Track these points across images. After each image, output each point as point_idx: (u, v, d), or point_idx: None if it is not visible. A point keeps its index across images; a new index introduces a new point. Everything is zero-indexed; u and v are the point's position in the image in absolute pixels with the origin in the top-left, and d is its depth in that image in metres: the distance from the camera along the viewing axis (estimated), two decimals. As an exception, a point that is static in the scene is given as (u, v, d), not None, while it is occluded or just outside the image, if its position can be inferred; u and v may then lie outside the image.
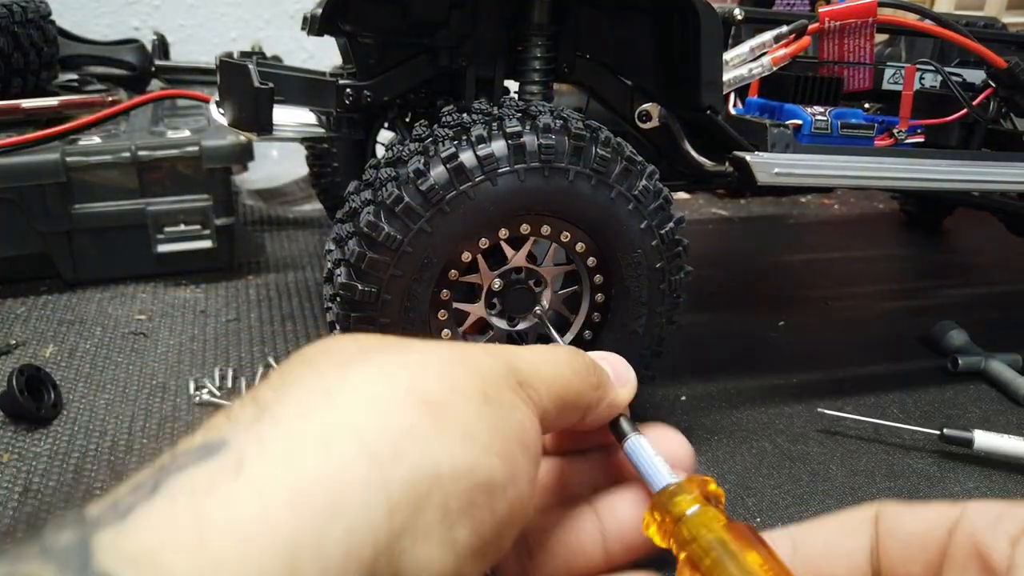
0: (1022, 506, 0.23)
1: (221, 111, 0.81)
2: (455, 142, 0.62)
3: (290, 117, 0.84)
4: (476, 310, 0.69)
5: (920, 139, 0.90)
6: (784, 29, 0.76)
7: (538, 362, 0.28)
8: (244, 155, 1.11)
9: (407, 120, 0.85)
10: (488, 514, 0.22)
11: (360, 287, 0.63)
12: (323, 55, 1.81)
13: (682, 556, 0.28)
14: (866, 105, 0.98)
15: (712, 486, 0.30)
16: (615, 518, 0.32)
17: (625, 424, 0.33)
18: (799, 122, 0.82)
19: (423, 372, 0.24)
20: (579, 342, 0.72)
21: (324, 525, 0.19)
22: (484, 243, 0.66)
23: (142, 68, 1.40)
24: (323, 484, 0.20)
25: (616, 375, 0.33)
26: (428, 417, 0.22)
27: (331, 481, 0.20)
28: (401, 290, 0.63)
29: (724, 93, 0.74)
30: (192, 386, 0.84)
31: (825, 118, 0.81)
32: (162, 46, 1.51)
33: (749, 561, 0.26)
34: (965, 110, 0.85)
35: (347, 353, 0.24)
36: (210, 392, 0.83)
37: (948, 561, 0.24)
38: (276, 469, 0.20)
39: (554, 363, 0.29)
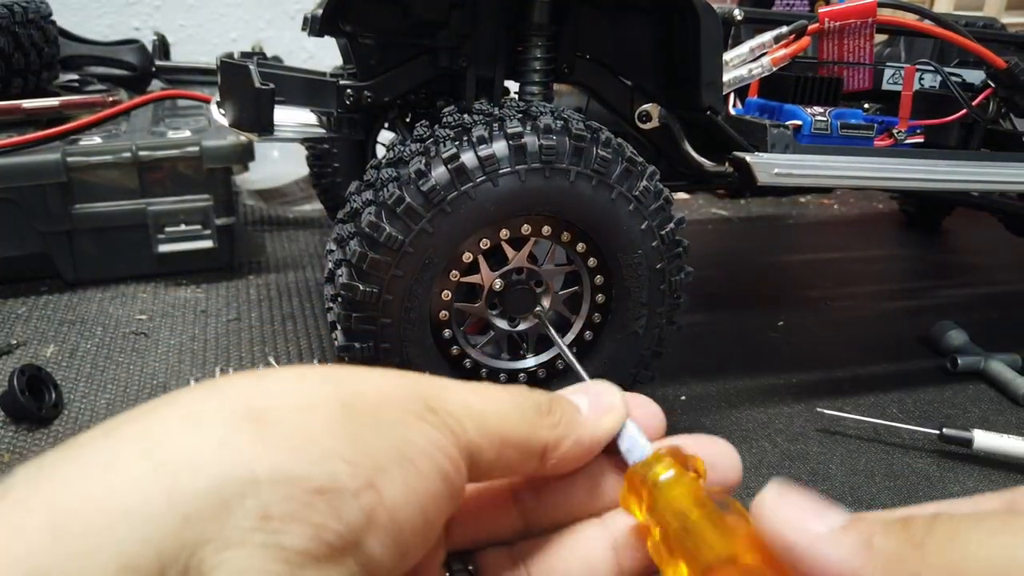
0: None
1: (222, 111, 0.81)
2: (456, 143, 0.62)
3: (291, 117, 0.84)
4: (477, 310, 0.69)
5: (920, 139, 0.90)
6: (784, 30, 0.77)
7: (472, 398, 0.28)
8: (245, 155, 1.11)
9: (408, 121, 0.85)
10: (332, 520, 0.22)
11: (361, 287, 0.63)
12: (324, 55, 1.81)
13: (653, 527, 0.28)
14: (866, 105, 0.98)
15: (698, 463, 0.30)
16: (626, 527, 0.31)
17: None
18: (799, 122, 0.82)
19: (260, 388, 0.24)
20: (580, 342, 0.73)
21: (90, 543, 0.19)
22: (485, 243, 0.66)
23: (143, 68, 1.40)
24: (97, 502, 0.20)
25: (594, 405, 0.31)
26: (250, 427, 0.22)
27: (107, 498, 0.20)
28: (402, 290, 0.63)
29: (724, 93, 0.74)
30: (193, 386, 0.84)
31: (825, 118, 0.81)
32: (162, 46, 1.51)
33: (720, 528, 0.25)
34: (964, 110, 0.85)
35: (208, 382, 0.25)
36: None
37: None
38: (43, 493, 0.20)
39: (493, 400, 0.28)
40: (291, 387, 0.24)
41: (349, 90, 0.76)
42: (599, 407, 0.31)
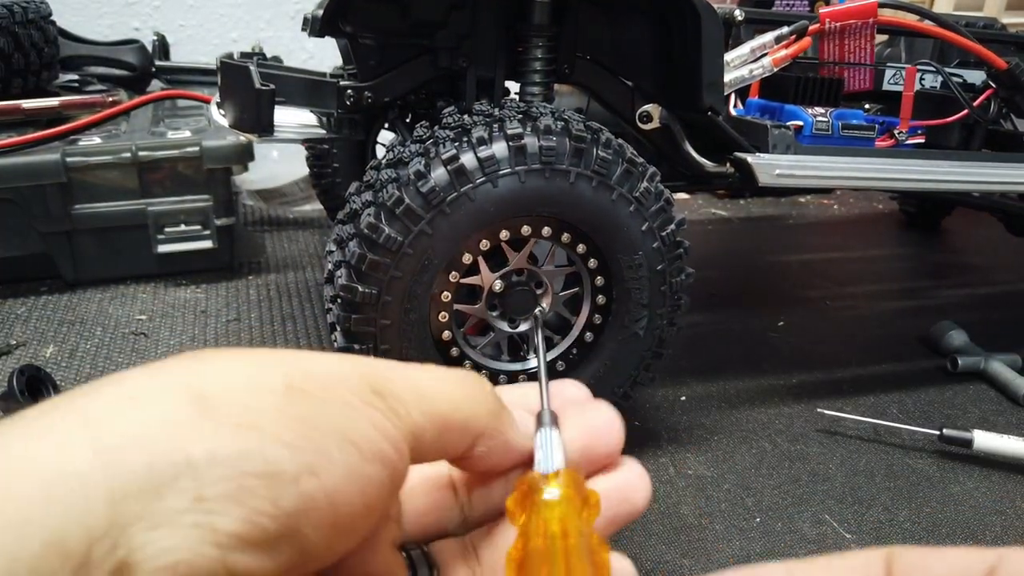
0: None
1: (222, 112, 0.81)
2: (456, 143, 0.62)
3: (291, 118, 0.84)
4: (477, 311, 0.69)
5: (921, 140, 0.90)
6: (785, 30, 0.76)
7: (419, 378, 0.28)
8: (244, 156, 1.11)
9: (407, 121, 0.85)
10: (268, 505, 0.22)
11: (361, 288, 0.63)
12: (323, 56, 1.81)
13: (519, 538, 0.27)
14: (867, 106, 0.98)
15: (594, 497, 0.30)
16: None
17: (545, 418, 0.32)
18: (800, 123, 0.82)
19: (206, 369, 0.24)
20: (580, 343, 0.73)
21: (18, 516, 0.19)
22: (485, 245, 0.66)
23: (142, 68, 1.40)
24: (28, 476, 0.20)
25: (523, 424, 0.32)
26: (191, 408, 0.22)
27: (39, 472, 0.20)
28: (402, 292, 0.63)
29: (725, 94, 0.74)
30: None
31: (826, 119, 0.81)
32: (162, 47, 1.51)
33: (577, 564, 0.25)
34: (965, 111, 0.85)
35: (153, 364, 0.25)
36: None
37: None
38: None
39: (441, 380, 0.28)
40: (237, 369, 0.24)
41: (349, 90, 0.76)
42: (527, 428, 0.32)
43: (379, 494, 0.25)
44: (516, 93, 0.80)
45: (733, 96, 0.88)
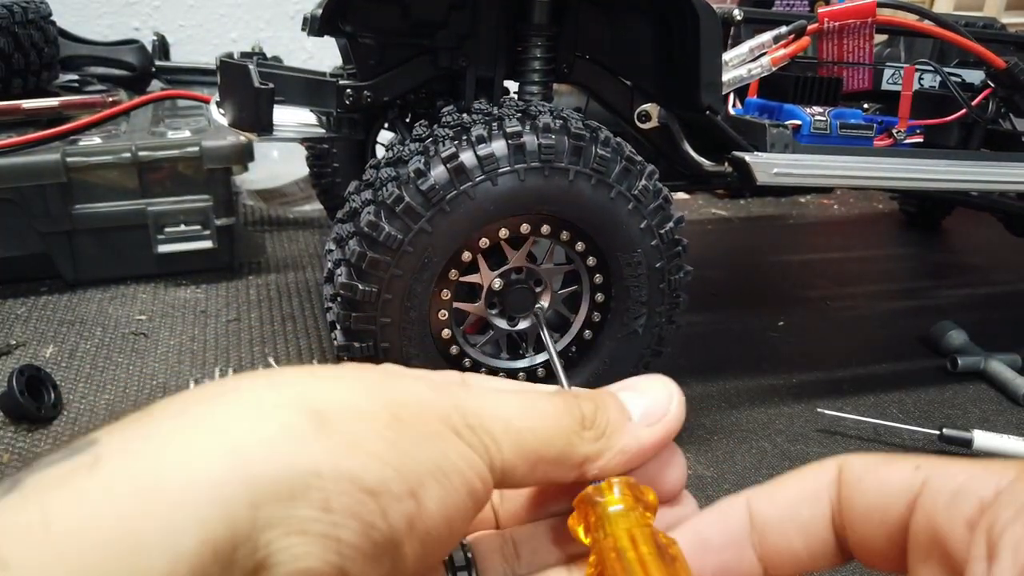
0: (986, 474, 0.21)
1: (221, 111, 0.81)
2: (455, 142, 0.62)
3: (290, 117, 0.84)
4: (476, 309, 0.69)
5: (919, 139, 0.90)
6: (783, 30, 0.77)
7: (510, 411, 0.28)
8: (244, 155, 1.11)
9: (407, 120, 0.85)
10: (380, 520, 0.23)
11: (361, 287, 0.63)
12: (323, 55, 1.81)
13: (594, 554, 0.28)
14: (865, 105, 0.98)
15: (651, 496, 0.30)
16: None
17: None
18: (798, 122, 0.82)
19: (319, 388, 0.25)
20: (579, 341, 0.73)
21: (175, 515, 0.20)
22: (484, 243, 0.66)
23: (142, 68, 1.40)
24: (179, 477, 0.21)
25: (645, 413, 0.30)
26: (311, 423, 0.23)
27: (187, 475, 0.21)
28: (402, 290, 0.63)
29: (724, 93, 0.74)
30: (192, 386, 0.85)
31: (824, 118, 0.81)
32: (162, 47, 1.51)
33: (657, 568, 0.25)
34: (964, 110, 0.85)
35: (264, 373, 0.26)
36: (210, 392, 0.83)
37: (911, 541, 0.23)
38: (132, 464, 0.21)
39: (531, 415, 0.28)
40: (347, 390, 0.25)
41: (349, 90, 0.76)
42: (652, 414, 0.31)
43: (463, 520, 0.26)
44: (515, 92, 0.80)
45: (732, 95, 0.88)
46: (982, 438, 0.77)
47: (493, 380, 0.32)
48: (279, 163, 1.48)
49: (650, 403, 0.31)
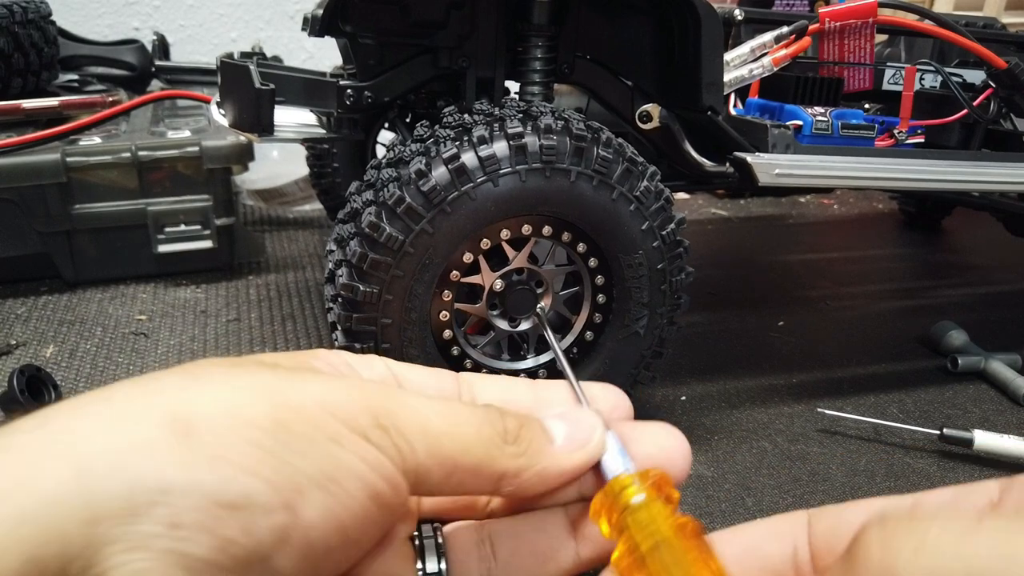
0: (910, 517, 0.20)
1: (222, 112, 0.81)
2: (457, 143, 0.62)
3: (291, 118, 0.84)
4: (477, 311, 0.69)
5: (920, 139, 0.90)
6: (784, 30, 0.76)
7: (429, 415, 0.27)
8: (244, 155, 1.11)
9: (408, 121, 0.85)
10: (240, 535, 0.22)
11: (362, 287, 0.63)
12: (323, 55, 1.81)
13: (620, 546, 0.28)
14: (866, 106, 0.98)
15: (669, 484, 0.30)
16: (587, 521, 0.31)
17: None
18: (800, 123, 0.82)
19: (195, 394, 0.24)
20: (581, 342, 0.73)
21: (2, 534, 0.20)
22: (485, 244, 0.66)
23: (142, 68, 1.40)
24: (12, 494, 0.20)
25: (570, 437, 0.30)
26: (170, 435, 0.23)
27: (18, 492, 0.21)
28: (403, 291, 0.63)
29: (725, 94, 0.74)
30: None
31: (826, 119, 0.81)
32: (162, 46, 1.51)
33: (682, 559, 0.26)
34: (965, 111, 0.85)
35: (144, 380, 0.25)
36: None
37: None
38: None
39: (452, 421, 0.27)
40: (223, 396, 0.24)
41: (349, 90, 0.76)
42: (575, 440, 0.30)
43: (362, 527, 0.25)
44: (516, 93, 0.80)
45: (733, 96, 0.88)
46: (982, 438, 0.77)
47: (423, 390, 0.32)
48: (279, 163, 1.48)
49: (573, 430, 0.31)
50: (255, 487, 0.23)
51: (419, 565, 0.30)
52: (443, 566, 0.30)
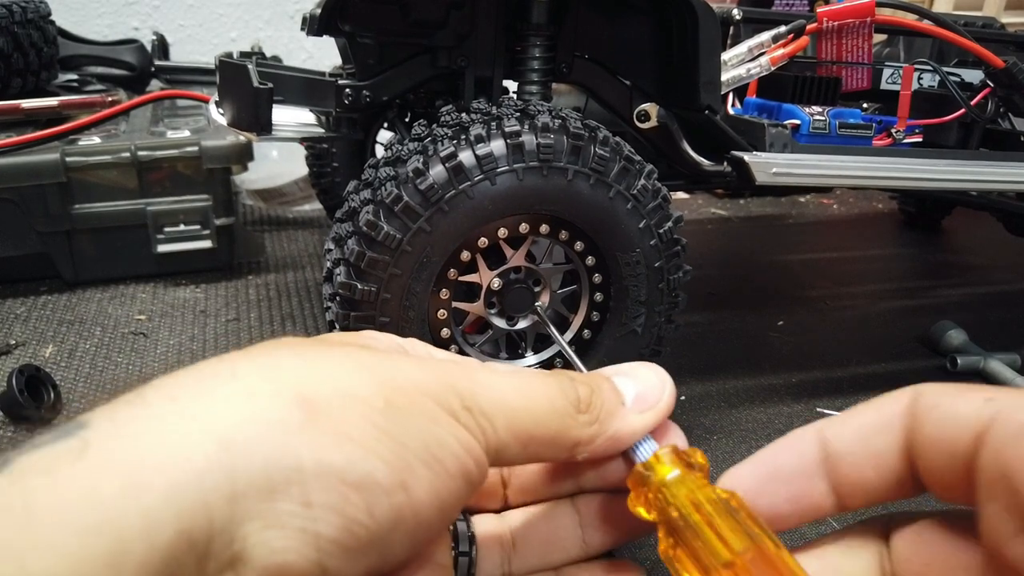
0: None
1: (221, 111, 0.81)
2: (454, 141, 0.62)
3: (290, 117, 0.84)
4: (475, 309, 0.69)
5: (918, 139, 0.90)
6: (782, 29, 0.77)
7: (505, 390, 0.27)
8: (244, 155, 1.11)
9: (406, 120, 0.85)
10: (364, 515, 0.23)
11: (359, 286, 0.63)
12: (323, 55, 1.81)
13: (662, 528, 0.28)
14: (864, 105, 0.98)
15: (699, 457, 0.30)
16: (592, 511, 0.32)
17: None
18: (797, 122, 0.82)
19: (313, 372, 0.25)
20: (578, 341, 0.73)
21: (155, 506, 0.20)
22: (483, 242, 0.66)
23: (142, 68, 1.40)
24: (163, 468, 0.21)
25: (639, 399, 0.31)
26: (300, 414, 0.23)
27: (171, 465, 0.21)
28: (400, 289, 0.63)
29: (722, 93, 0.74)
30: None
31: (823, 118, 0.81)
32: (162, 46, 1.51)
33: (726, 527, 0.26)
34: (963, 110, 0.85)
35: (263, 349, 0.25)
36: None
37: (980, 477, 0.22)
38: (118, 452, 0.21)
39: (526, 395, 0.28)
40: (338, 375, 0.25)
41: (348, 89, 0.76)
42: (646, 400, 0.31)
43: (455, 504, 0.26)
44: (514, 92, 0.80)
45: (731, 95, 0.88)
46: (981, 438, 0.77)
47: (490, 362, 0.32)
48: (279, 163, 1.49)
49: (643, 389, 0.31)
50: (376, 467, 0.23)
51: (454, 546, 0.31)
52: (474, 551, 0.31)
